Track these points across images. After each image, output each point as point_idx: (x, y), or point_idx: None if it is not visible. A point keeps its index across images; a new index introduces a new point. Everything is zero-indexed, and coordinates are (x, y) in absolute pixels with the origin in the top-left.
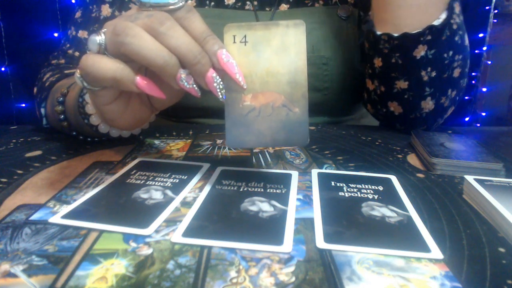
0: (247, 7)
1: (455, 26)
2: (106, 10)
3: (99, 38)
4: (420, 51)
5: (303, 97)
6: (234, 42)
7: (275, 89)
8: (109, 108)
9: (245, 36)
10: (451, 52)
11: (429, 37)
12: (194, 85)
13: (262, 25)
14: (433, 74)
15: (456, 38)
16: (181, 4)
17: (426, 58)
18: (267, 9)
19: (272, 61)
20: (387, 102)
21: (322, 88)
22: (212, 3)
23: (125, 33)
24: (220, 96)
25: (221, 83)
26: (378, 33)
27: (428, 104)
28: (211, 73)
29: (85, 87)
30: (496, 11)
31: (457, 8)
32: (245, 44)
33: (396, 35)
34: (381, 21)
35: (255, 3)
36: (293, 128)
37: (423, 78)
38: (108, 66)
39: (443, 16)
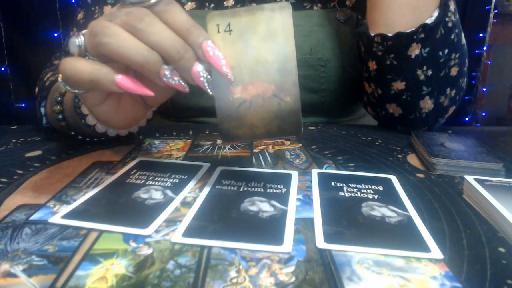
0: None
1: (450, 24)
2: (108, 11)
3: (78, 40)
4: (415, 50)
5: (294, 85)
6: (218, 31)
7: (264, 78)
8: (100, 109)
9: (229, 25)
10: (446, 50)
11: (422, 35)
12: (181, 81)
13: (247, 11)
14: (429, 72)
15: (452, 36)
16: None
17: (421, 56)
18: None
19: (259, 49)
20: (385, 104)
21: (319, 89)
22: (212, 5)
23: (102, 33)
24: (208, 90)
25: (208, 76)
26: (372, 34)
27: (427, 104)
28: (197, 67)
29: (68, 90)
30: (496, 11)
31: (452, 6)
32: (230, 33)
33: (390, 35)
34: (373, 23)
35: (254, 5)
36: (286, 118)
37: (420, 77)
38: (83, 69)
39: (435, 14)
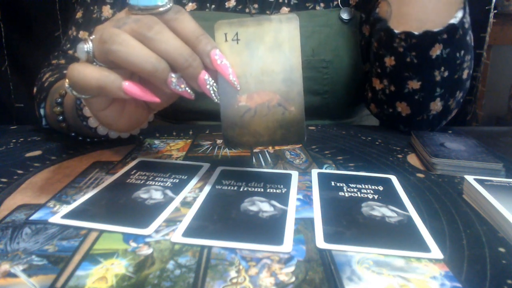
0: (248, 10)
1: (467, 25)
2: (107, 11)
3: (86, 46)
4: (436, 50)
5: (299, 95)
6: (226, 40)
7: (270, 88)
8: (104, 113)
9: (236, 34)
10: (462, 52)
11: (445, 36)
12: (187, 88)
13: (254, 21)
14: (446, 74)
15: (467, 38)
16: (169, 6)
17: (441, 57)
18: (267, 12)
19: (266, 59)
20: (395, 102)
21: (322, 91)
22: (213, 6)
23: (111, 40)
24: (214, 98)
25: (214, 84)
26: (397, 31)
27: (436, 106)
28: (203, 75)
29: (75, 96)
30: (496, 11)
31: (467, 8)
32: (237, 42)
33: (416, 33)
34: (402, 17)
35: (256, 6)
36: (290, 127)
37: (436, 78)
38: (92, 75)
39: (460, 14)
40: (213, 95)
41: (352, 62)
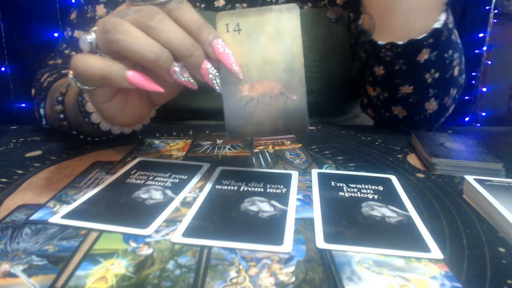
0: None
1: (450, 25)
2: (101, 10)
3: (89, 37)
4: (424, 55)
5: (301, 84)
6: (228, 31)
7: (272, 77)
8: (107, 106)
9: (238, 24)
10: (450, 51)
11: (431, 40)
12: (190, 78)
13: (255, 11)
14: (437, 75)
15: (453, 37)
16: None
17: (430, 60)
18: None
19: (267, 49)
20: (390, 106)
21: (312, 90)
22: (203, 5)
23: (114, 30)
24: (217, 87)
25: (217, 74)
26: (381, 43)
27: (432, 105)
28: (206, 65)
29: (79, 87)
30: (496, 11)
31: (449, 9)
32: (239, 33)
33: (400, 43)
34: (384, 28)
35: (244, 5)
36: (292, 116)
37: (427, 80)
38: (96, 65)
39: (443, 17)
40: (215, 85)
41: (341, 61)
